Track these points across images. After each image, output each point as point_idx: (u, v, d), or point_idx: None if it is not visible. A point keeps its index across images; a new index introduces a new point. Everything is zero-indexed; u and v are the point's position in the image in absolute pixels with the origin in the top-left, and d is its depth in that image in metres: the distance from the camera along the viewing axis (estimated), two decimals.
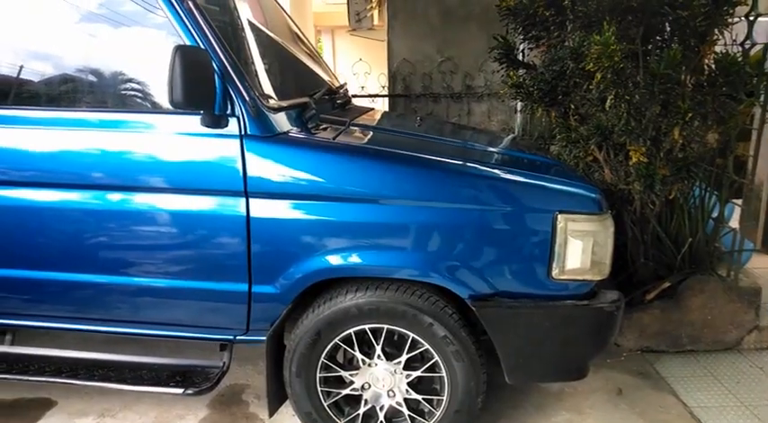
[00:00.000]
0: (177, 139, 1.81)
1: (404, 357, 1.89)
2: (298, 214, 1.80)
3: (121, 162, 1.83)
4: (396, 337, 1.91)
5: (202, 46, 1.75)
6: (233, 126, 1.79)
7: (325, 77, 2.77)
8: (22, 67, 1.95)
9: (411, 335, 1.85)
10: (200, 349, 2.57)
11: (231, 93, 1.78)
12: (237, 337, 1.99)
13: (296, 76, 2.56)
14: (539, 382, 2.43)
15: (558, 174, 2.04)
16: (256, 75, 1.94)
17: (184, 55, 1.60)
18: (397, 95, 4.37)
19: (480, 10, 4.21)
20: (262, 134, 1.80)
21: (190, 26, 1.76)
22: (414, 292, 1.84)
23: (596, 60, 2.33)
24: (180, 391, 1.96)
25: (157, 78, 1.85)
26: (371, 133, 2.30)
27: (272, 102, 1.89)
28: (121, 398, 2.43)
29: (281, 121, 1.88)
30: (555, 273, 1.77)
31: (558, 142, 2.82)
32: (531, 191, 1.82)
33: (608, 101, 2.48)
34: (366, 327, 1.87)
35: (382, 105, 4.63)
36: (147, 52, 1.88)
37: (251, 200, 1.80)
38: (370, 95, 4.30)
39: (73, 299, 2.01)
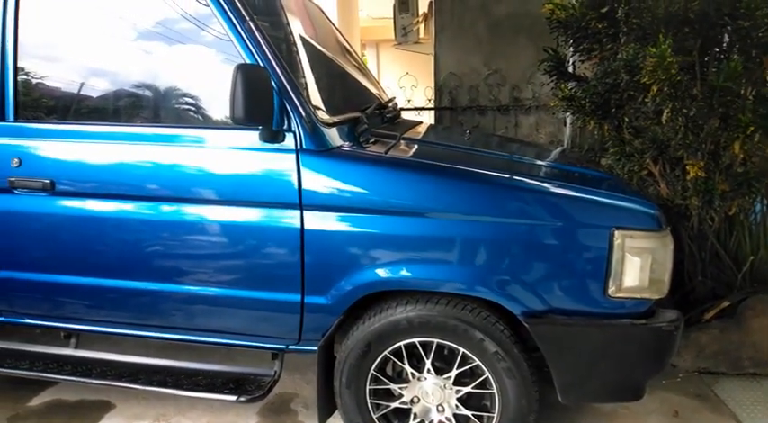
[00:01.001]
0: (235, 153, 1.87)
1: (454, 372, 1.89)
2: (350, 227, 1.83)
3: (180, 175, 1.90)
4: (446, 352, 1.90)
5: (262, 64, 1.81)
6: (289, 141, 1.84)
7: (375, 91, 2.81)
8: (89, 84, 2.07)
9: (461, 350, 1.85)
10: (251, 357, 2.64)
11: (288, 109, 1.83)
12: (290, 347, 2.03)
13: (347, 90, 2.61)
14: (592, 402, 2.37)
15: (613, 188, 2.01)
16: (311, 90, 1.99)
17: (246, 73, 1.67)
18: (444, 108, 4.38)
19: (529, 22, 4.19)
20: (316, 149, 1.84)
21: (250, 45, 1.83)
22: (464, 306, 1.83)
23: (652, 73, 2.29)
24: (233, 397, 2.01)
25: (218, 95, 1.93)
26: (422, 147, 2.32)
27: (326, 117, 1.94)
28: (176, 403, 2.51)
29: (335, 136, 1.92)
30: (611, 290, 1.74)
31: (611, 156, 2.77)
32: (584, 206, 1.80)
33: (664, 114, 2.43)
34: (416, 340, 1.87)
35: (428, 118, 4.65)
36: (210, 70, 1.95)
37: (305, 212, 1.84)
38: (416, 108, 4.33)
39: (131, 305, 2.08)
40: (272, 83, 1.78)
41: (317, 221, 1.84)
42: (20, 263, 2.04)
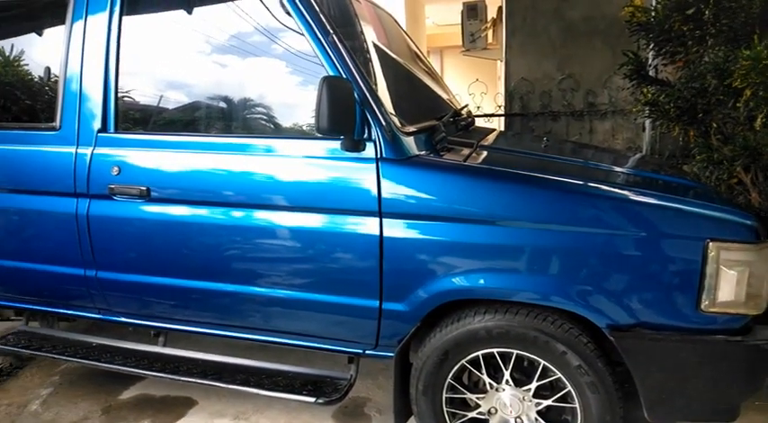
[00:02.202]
0: (318, 162, 1.92)
1: (534, 385, 1.85)
2: (428, 235, 1.84)
3: (264, 183, 1.97)
4: (526, 363, 1.87)
5: (345, 76, 1.86)
6: (369, 150, 1.87)
7: (448, 99, 2.82)
8: (181, 98, 2.20)
9: (542, 362, 1.81)
10: (325, 360, 2.70)
11: (369, 119, 1.87)
12: (367, 352, 2.06)
13: (423, 98, 2.63)
14: (681, 422, 2.26)
15: (704, 197, 1.92)
16: (390, 100, 2.02)
17: (331, 85, 1.72)
18: (516, 114, 4.32)
19: (605, 25, 4.08)
20: (396, 157, 1.87)
21: (334, 58, 1.88)
22: (545, 318, 1.80)
23: (745, 76, 2.18)
24: (312, 399, 2.06)
25: (302, 106, 2.00)
26: (499, 155, 2.30)
27: (405, 126, 1.96)
28: (254, 402, 2.60)
29: (413, 145, 1.94)
30: (704, 305, 1.66)
31: (698, 163, 2.64)
32: (673, 215, 1.72)
33: (758, 120, 2.29)
34: (495, 350, 1.86)
35: (497, 125, 4.60)
36: (294, 83, 2.03)
37: (384, 220, 1.87)
38: (488, 115, 4.30)
39: (218, 306, 2.15)
40: (355, 94, 1.82)
41: (396, 229, 1.87)
42: (117, 264, 2.18)
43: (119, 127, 2.14)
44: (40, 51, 2.39)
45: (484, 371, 1.90)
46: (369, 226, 1.88)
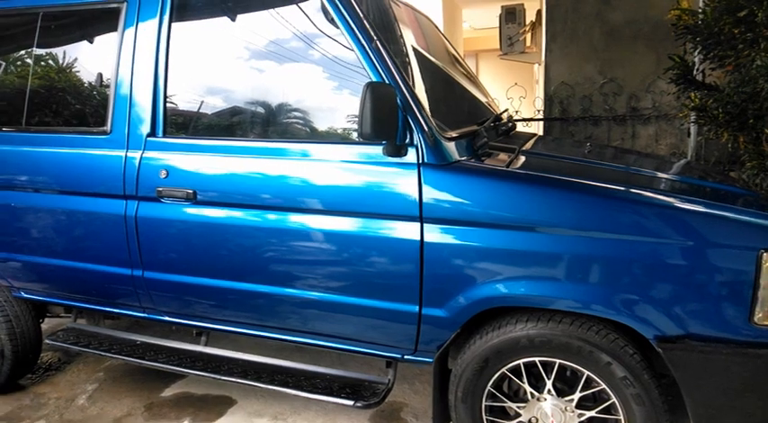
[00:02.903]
0: (359, 167, 1.94)
1: (577, 395, 1.82)
2: (468, 241, 1.83)
3: (305, 187, 2.00)
4: (568, 373, 1.84)
5: (387, 81, 1.87)
6: (411, 155, 1.88)
7: (487, 103, 2.80)
8: (225, 103, 2.24)
9: (586, 372, 1.78)
10: (360, 363, 2.71)
11: (411, 124, 1.87)
12: (405, 357, 2.06)
13: (463, 103, 2.62)
14: None
15: (754, 205, 1.85)
16: (432, 105, 2.02)
17: (374, 91, 1.73)
18: (556, 119, 4.26)
19: (649, 28, 3.99)
20: (437, 162, 1.87)
21: (377, 64, 1.89)
22: (590, 327, 1.77)
23: None
24: (350, 402, 2.07)
25: (343, 111, 2.02)
26: (541, 161, 2.27)
27: (446, 131, 1.96)
28: (292, 403, 2.63)
29: (455, 150, 1.94)
30: (758, 317, 1.60)
31: (748, 170, 2.56)
32: (723, 224, 1.67)
33: None
34: (537, 359, 1.83)
35: (536, 130, 4.55)
36: (338, 88, 2.04)
37: (425, 225, 1.87)
38: (527, 119, 4.25)
39: (271, 309, 2.15)
40: (398, 99, 1.83)
41: (437, 234, 1.86)
42: (163, 265, 2.24)
43: (167, 131, 2.20)
44: (91, 58, 2.47)
45: (525, 379, 1.87)
46: (409, 231, 1.88)
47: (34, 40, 2.47)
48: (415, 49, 2.41)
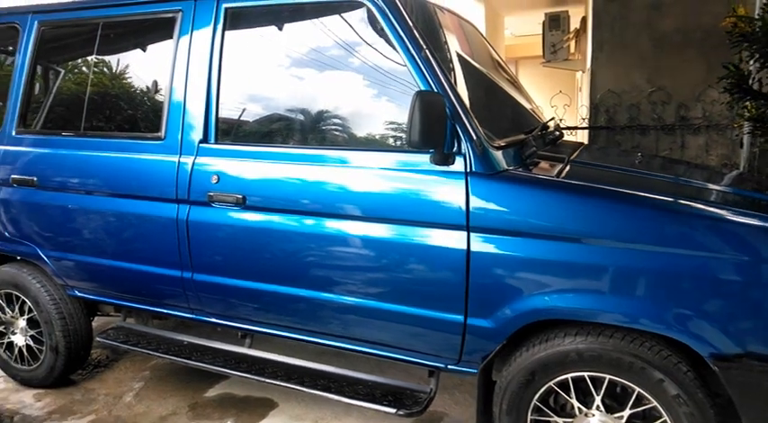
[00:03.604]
0: (408, 175, 1.94)
1: (627, 412, 1.77)
2: (514, 251, 1.81)
3: (352, 194, 2.01)
4: (618, 389, 1.79)
5: (436, 90, 1.87)
6: (459, 164, 1.87)
7: (533, 111, 2.77)
8: (274, 112, 2.28)
9: (637, 389, 1.73)
10: (399, 371, 2.70)
11: (459, 132, 1.87)
12: (449, 366, 2.05)
13: (510, 112, 2.60)
14: None
15: None
16: (480, 114, 2.01)
17: (423, 100, 1.73)
18: (603, 128, 4.18)
19: (701, 36, 3.88)
20: (485, 172, 1.86)
21: (426, 73, 1.90)
22: (642, 343, 1.72)
23: None
24: (393, 410, 2.07)
25: (390, 120, 2.03)
26: (590, 170, 2.23)
27: (495, 140, 1.95)
28: (332, 408, 2.64)
29: (503, 159, 1.92)
30: None
31: None
32: None
33: None
34: (585, 374, 1.79)
35: (581, 139, 4.47)
36: (386, 96, 2.06)
37: (472, 234, 1.86)
38: (573, 128, 4.18)
39: (325, 315, 2.16)
40: (446, 108, 1.83)
41: (483, 244, 1.85)
42: (212, 268, 2.29)
43: (218, 138, 2.26)
44: (146, 66, 2.56)
45: (573, 394, 1.83)
46: (455, 240, 1.87)
47: (94, 49, 2.57)
48: (461, 57, 2.41)
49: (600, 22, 4.20)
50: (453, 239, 1.88)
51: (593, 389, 1.81)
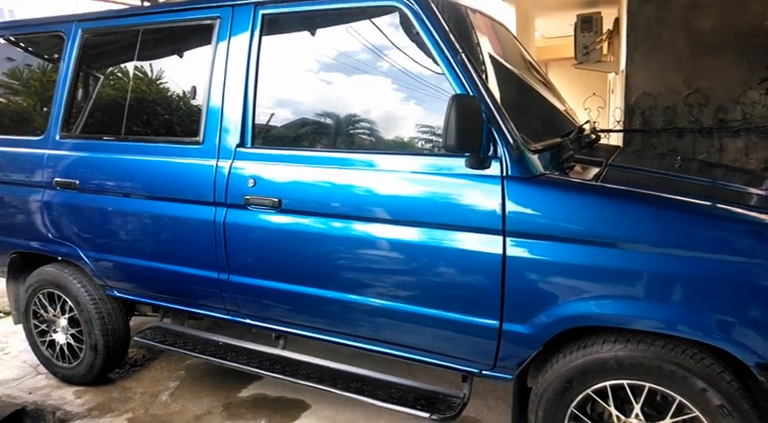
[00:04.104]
0: (441, 179, 1.94)
1: (667, 422, 1.74)
2: (551, 256, 1.79)
3: (384, 197, 2.02)
4: (659, 398, 1.76)
5: (472, 93, 1.87)
6: (495, 168, 1.86)
7: (566, 112, 2.74)
8: (309, 116, 2.31)
9: (678, 398, 1.69)
10: (430, 375, 2.68)
11: (495, 136, 1.86)
12: (483, 372, 2.03)
13: (546, 115, 2.58)
14: None
15: None
16: (516, 117, 2.00)
17: (459, 103, 1.73)
18: (638, 130, 4.11)
19: (741, 36, 3.78)
20: (522, 175, 1.85)
21: (462, 76, 1.89)
22: (684, 351, 1.68)
23: None
24: (426, 415, 2.07)
25: (427, 123, 2.03)
26: (629, 175, 2.20)
27: (531, 144, 1.93)
28: (364, 411, 2.65)
29: (540, 163, 1.91)
30: None
31: None
32: None
33: None
34: (625, 382, 1.76)
35: (614, 142, 4.40)
36: (421, 100, 2.06)
37: (507, 239, 1.85)
38: (607, 130, 4.12)
39: (357, 318, 2.17)
40: (482, 112, 1.82)
41: (519, 249, 1.83)
42: (248, 269, 2.32)
43: (255, 142, 2.29)
44: (184, 72, 2.62)
45: (611, 402, 1.80)
46: (491, 244, 1.86)
47: (135, 55, 2.63)
48: (495, 60, 2.40)
49: (634, 23, 4.13)
50: (489, 244, 1.87)
51: (632, 397, 1.78)
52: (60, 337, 2.99)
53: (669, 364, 1.68)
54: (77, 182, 2.67)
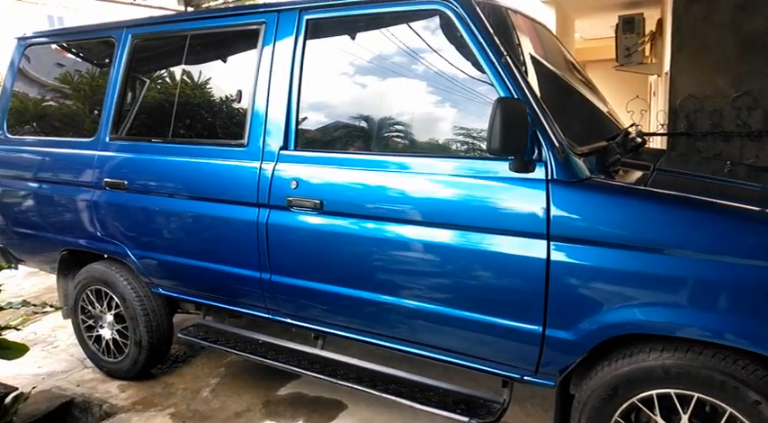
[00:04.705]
0: (484, 182, 1.93)
1: None
2: (598, 262, 1.76)
3: (425, 201, 2.02)
4: (707, 409, 1.71)
5: (516, 96, 1.86)
6: (539, 171, 1.84)
7: (609, 114, 2.69)
8: (350, 119, 2.33)
9: (729, 409, 1.64)
10: (467, 379, 2.67)
11: (540, 139, 1.84)
12: (525, 377, 2.01)
13: (591, 118, 2.54)
14: None
15: None
16: (561, 120, 1.97)
17: (505, 106, 1.72)
18: (682, 134, 4.00)
19: None
20: (567, 179, 1.82)
21: (506, 79, 1.88)
22: (735, 361, 1.63)
23: None
24: (466, 419, 2.06)
25: (470, 127, 2.03)
26: (679, 179, 2.15)
27: (577, 147, 1.91)
28: (401, 413, 2.65)
29: (586, 167, 1.88)
30: None
31: None
32: None
33: None
34: (672, 391, 1.72)
35: (657, 145, 4.30)
36: (463, 103, 2.05)
37: (552, 243, 1.83)
38: (652, 134, 4.03)
39: (401, 320, 2.17)
40: (528, 115, 1.80)
41: (564, 253, 1.81)
42: (289, 270, 2.35)
43: (297, 145, 2.32)
44: (229, 76, 2.67)
45: (657, 412, 1.76)
46: (534, 248, 1.85)
47: (182, 60, 2.71)
48: (538, 61, 2.38)
49: (681, 24, 4.02)
50: (532, 248, 1.85)
51: (679, 407, 1.73)
52: (106, 333, 3.09)
53: (719, 375, 1.63)
54: (126, 182, 2.76)
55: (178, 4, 6.36)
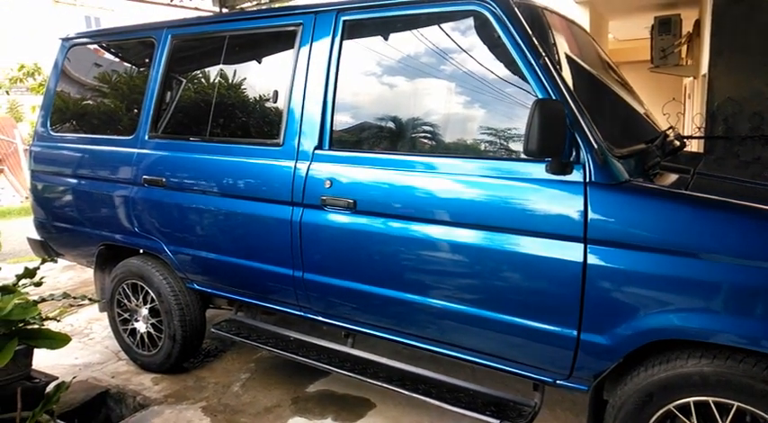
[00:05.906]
0: (520, 184, 1.92)
1: None
2: (636, 266, 1.74)
3: (459, 202, 2.02)
4: (748, 418, 1.67)
5: (555, 97, 1.84)
6: (577, 174, 1.83)
7: (646, 116, 2.65)
8: (384, 120, 2.34)
9: None
10: (496, 381, 2.66)
11: (579, 141, 1.83)
12: (558, 381, 2.00)
13: (629, 119, 2.50)
14: None
15: None
16: (600, 122, 1.95)
17: (543, 108, 1.71)
18: (720, 137, 3.91)
19: None
20: (606, 182, 1.80)
21: (544, 81, 1.87)
22: None
23: None
24: (496, 421, 2.05)
25: (505, 128, 2.02)
26: (720, 184, 2.11)
27: (616, 150, 1.88)
28: (429, 413, 2.65)
29: (625, 169, 1.86)
30: None
31: None
32: None
33: None
34: (710, 399, 1.69)
35: (694, 149, 4.20)
36: (500, 104, 2.05)
37: (589, 246, 1.81)
38: (691, 137, 3.95)
39: (433, 321, 2.18)
40: (566, 116, 1.79)
41: (602, 257, 1.79)
42: (322, 268, 2.38)
43: (332, 145, 2.35)
44: (265, 76, 2.71)
45: (694, 419, 1.73)
46: (571, 251, 1.83)
47: (220, 60, 2.76)
48: (575, 62, 2.35)
49: (720, 25, 3.93)
50: (569, 251, 1.83)
51: (717, 416, 1.70)
52: (141, 326, 3.16)
53: (761, 384, 1.59)
54: (164, 179, 2.82)
55: (213, 4, 6.47)
